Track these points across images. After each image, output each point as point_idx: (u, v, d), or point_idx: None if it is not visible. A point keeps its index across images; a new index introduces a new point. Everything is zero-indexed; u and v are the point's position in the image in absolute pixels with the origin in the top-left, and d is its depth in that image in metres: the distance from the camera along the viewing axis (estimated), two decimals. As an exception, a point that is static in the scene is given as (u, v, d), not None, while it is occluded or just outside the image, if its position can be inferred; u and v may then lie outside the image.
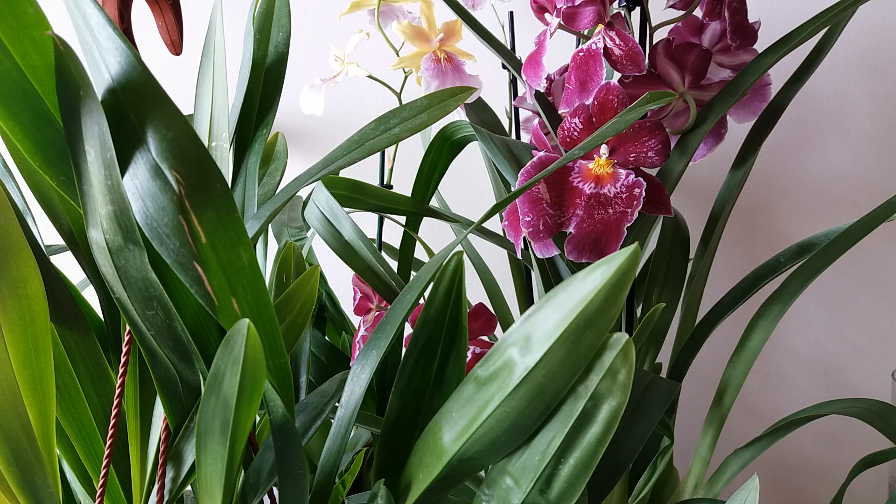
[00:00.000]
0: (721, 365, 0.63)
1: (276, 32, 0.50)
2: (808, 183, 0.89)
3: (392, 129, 0.44)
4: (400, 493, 0.40)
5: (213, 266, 0.34)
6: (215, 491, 0.38)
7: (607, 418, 0.34)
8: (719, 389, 0.62)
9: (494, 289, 0.78)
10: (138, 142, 0.33)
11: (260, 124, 0.49)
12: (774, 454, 0.92)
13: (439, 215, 0.68)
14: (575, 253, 0.52)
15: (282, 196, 0.44)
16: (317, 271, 0.49)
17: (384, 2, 0.67)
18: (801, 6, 0.83)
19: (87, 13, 0.35)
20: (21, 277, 0.40)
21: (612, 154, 0.52)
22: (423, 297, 0.44)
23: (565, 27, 0.56)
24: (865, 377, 0.91)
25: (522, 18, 0.75)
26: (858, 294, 0.90)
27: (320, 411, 0.47)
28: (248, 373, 0.33)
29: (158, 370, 0.41)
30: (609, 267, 0.31)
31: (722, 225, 0.64)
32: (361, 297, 0.66)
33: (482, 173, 0.84)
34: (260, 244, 0.69)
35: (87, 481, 0.49)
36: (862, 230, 0.53)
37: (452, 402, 0.37)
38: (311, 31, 0.94)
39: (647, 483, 0.66)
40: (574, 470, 0.35)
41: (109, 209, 0.35)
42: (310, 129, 0.96)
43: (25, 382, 0.42)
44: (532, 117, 0.72)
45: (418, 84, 0.66)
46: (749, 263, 0.87)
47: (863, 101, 0.87)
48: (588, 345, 0.33)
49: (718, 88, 0.59)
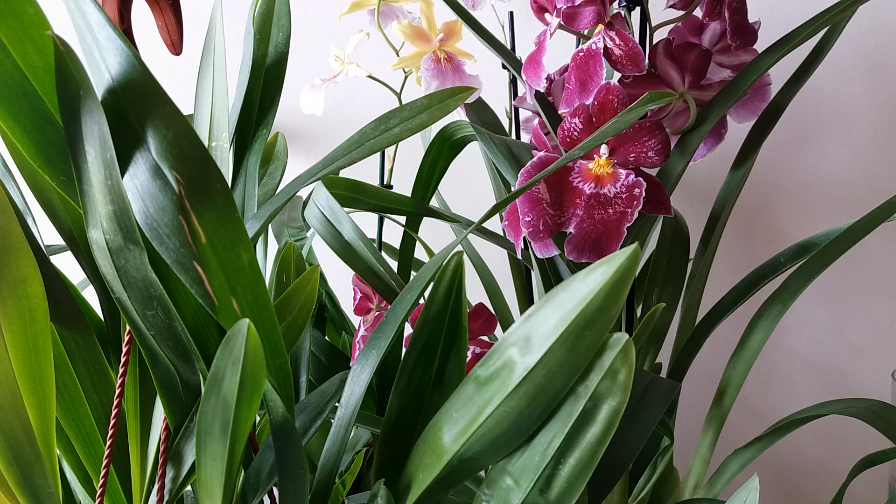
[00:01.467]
0: (721, 365, 0.63)
1: (276, 32, 0.50)
2: (809, 183, 0.89)
3: (392, 129, 0.44)
4: (400, 493, 0.40)
5: (213, 266, 0.34)
6: (215, 491, 0.38)
7: (607, 418, 0.34)
8: (719, 389, 0.62)
9: (494, 289, 0.78)
10: (138, 142, 0.33)
11: (260, 124, 0.49)
12: (774, 454, 0.92)
13: (439, 215, 0.68)
14: (575, 253, 0.52)
15: (282, 196, 0.44)
16: (316, 271, 0.49)
17: (384, 2, 0.67)
18: (801, 6, 0.83)
19: (87, 13, 0.35)
20: (21, 277, 0.40)
21: (612, 154, 0.52)
22: (423, 297, 0.44)
23: (565, 27, 0.56)
24: (865, 377, 0.91)
25: (522, 18, 0.75)
26: (858, 294, 0.90)
27: (320, 411, 0.47)
28: (248, 373, 0.33)
29: (158, 370, 0.41)
30: (609, 267, 0.31)
31: (722, 225, 0.64)
32: (361, 297, 0.66)
33: (482, 173, 0.84)
34: (260, 244, 0.69)
35: (87, 481, 0.49)
36: (862, 230, 0.53)
37: (452, 402, 0.37)
38: (311, 31, 0.94)
39: (647, 483, 0.66)
40: (574, 470, 0.35)
41: (109, 209, 0.35)
42: (310, 129, 0.96)
43: (25, 382, 0.42)
44: (532, 117, 0.72)
45: (418, 84, 0.66)
46: (749, 263, 0.87)
47: (863, 101, 0.87)
48: (588, 345, 0.33)
49: (718, 88, 0.59)
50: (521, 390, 0.34)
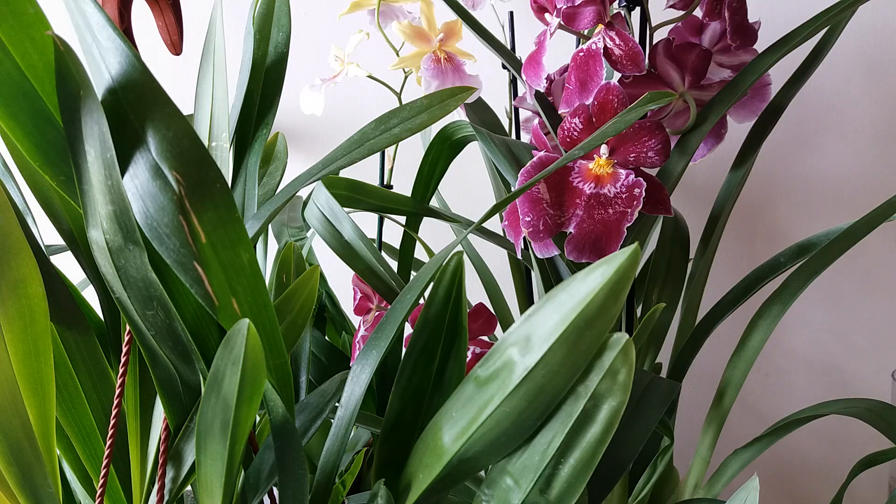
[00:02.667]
0: (721, 365, 0.63)
1: (276, 32, 0.50)
2: (809, 183, 0.89)
3: (392, 129, 0.44)
4: (400, 493, 0.40)
5: (213, 266, 0.34)
6: (215, 491, 0.38)
7: (607, 418, 0.34)
8: (719, 389, 0.62)
9: (494, 289, 0.78)
10: (138, 142, 0.33)
11: (260, 124, 0.49)
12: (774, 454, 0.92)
13: (439, 215, 0.68)
14: (575, 253, 0.52)
15: (282, 196, 0.44)
16: (316, 271, 0.49)
17: (384, 2, 0.67)
18: (801, 6, 0.83)
19: (87, 13, 0.35)
20: (21, 277, 0.40)
21: (612, 154, 0.52)
22: (423, 297, 0.44)
23: (565, 27, 0.56)
24: (865, 377, 0.91)
25: (522, 18, 0.75)
26: (858, 294, 0.90)
27: (320, 411, 0.47)
28: (248, 373, 0.33)
29: (158, 370, 0.41)
30: (609, 267, 0.31)
31: (722, 225, 0.64)
32: (361, 297, 0.66)
33: (482, 173, 0.84)
34: (260, 244, 0.69)
35: (87, 481, 0.49)
36: (862, 230, 0.53)
37: (452, 402, 0.37)
38: (311, 31, 0.94)
39: (647, 483, 0.66)
40: (574, 470, 0.35)
41: (109, 209, 0.35)
42: (310, 129, 0.96)
43: (25, 382, 0.42)
44: (532, 117, 0.72)
45: (418, 84, 0.66)
46: (749, 263, 0.87)
47: (862, 101, 0.87)
48: (588, 345, 0.33)
49: (718, 88, 0.59)
50: (521, 390, 0.34)
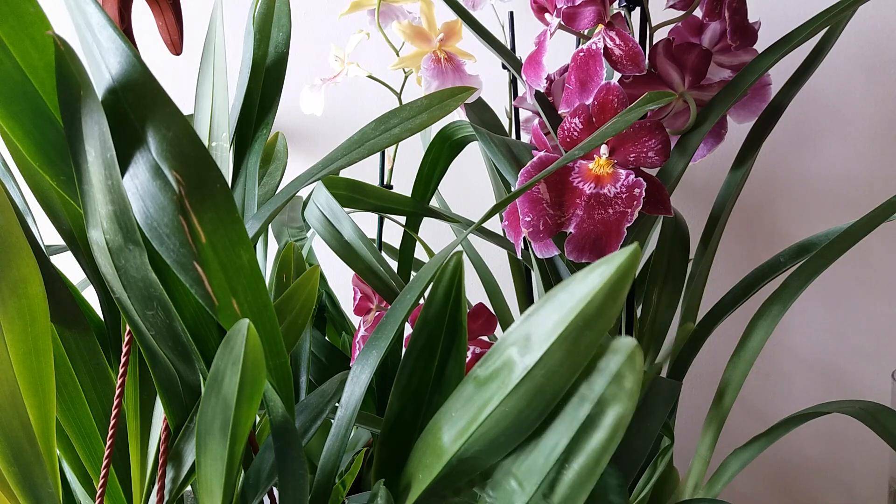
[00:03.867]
0: (721, 365, 0.63)
1: (276, 32, 0.50)
2: (808, 183, 0.89)
3: (392, 129, 0.44)
4: (400, 494, 0.40)
5: (213, 266, 0.34)
6: (215, 491, 0.38)
7: (613, 425, 0.33)
8: (719, 389, 0.62)
9: (494, 289, 0.78)
10: (138, 142, 0.33)
11: (260, 124, 0.49)
12: (774, 454, 0.92)
13: (439, 215, 0.68)
14: (575, 253, 0.52)
15: (282, 196, 0.44)
16: (316, 271, 0.49)
17: (384, 2, 0.67)
18: (801, 6, 0.83)
19: (88, 13, 0.35)
20: (21, 277, 0.40)
21: (612, 154, 0.52)
22: (423, 297, 0.44)
23: (565, 27, 0.56)
24: (865, 377, 0.91)
25: (522, 18, 0.75)
26: (858, 294, 0.90)
27: (320, 411, 0.47)
28: (248, 373, 0.33)
29: (158, 370, 0.41)
30: (609, 267, 0.31)
31: (722, 225, 0.64)
32: (361, 297, 0.66)
33: (482, 173, 0.84)
34: (260, 244, 0.69)
35: (87, 481, 0.49)
36: (862, 230, 0.53)
37: (452, 402, 0.37)
38: (311, 31, 0.94)
39: (647, 483, 0.66)
40: (578, 476, 0.34)
41: (109, 209, 0.35)
42: (310, 129, 0.96)
43: (25, 382, 0.42)
44: (532, 117, 0.72)
45: (418, 84, 0.66)
46: (749, 263, 0.87)
47: (862, 102, 0.87)
48: (587, 344, 0.33)
49: (718, 88, 0.59)
50: (521, 390, 0.34)
